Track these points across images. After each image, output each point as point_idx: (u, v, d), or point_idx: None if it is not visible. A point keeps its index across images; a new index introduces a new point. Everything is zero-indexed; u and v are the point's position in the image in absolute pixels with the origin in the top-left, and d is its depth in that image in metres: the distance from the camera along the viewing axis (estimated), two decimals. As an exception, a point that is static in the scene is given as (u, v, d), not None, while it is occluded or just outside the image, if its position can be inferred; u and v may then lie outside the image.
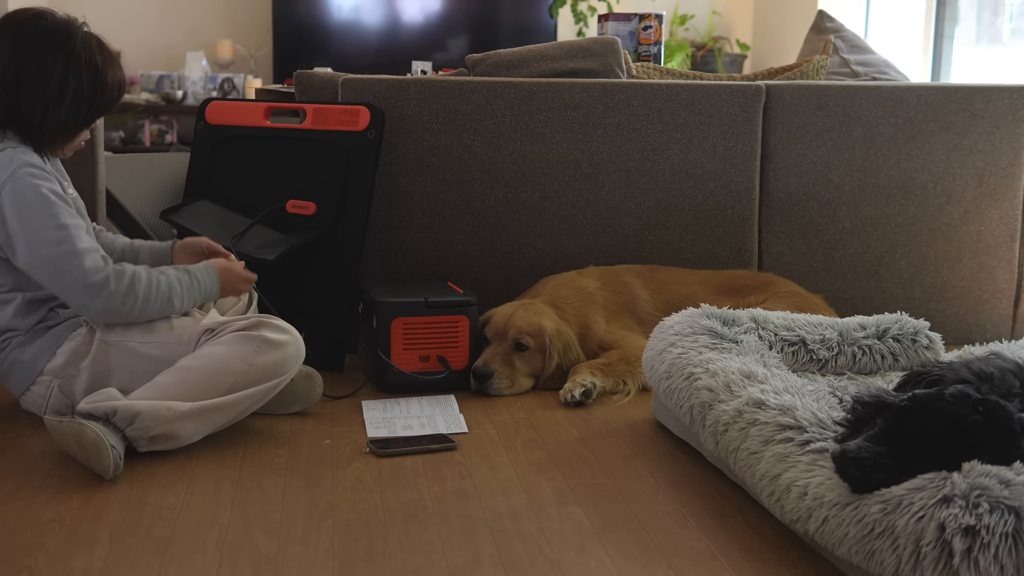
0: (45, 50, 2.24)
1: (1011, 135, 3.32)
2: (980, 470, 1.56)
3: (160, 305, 2.29)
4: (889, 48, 5.48)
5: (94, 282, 2.20)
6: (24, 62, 2.23)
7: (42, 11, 2.31)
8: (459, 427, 2.44)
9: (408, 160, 3.07)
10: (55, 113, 2.26)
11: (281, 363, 2.29)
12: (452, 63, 6.21)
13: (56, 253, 2.19)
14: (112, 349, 2.29)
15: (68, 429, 2.10)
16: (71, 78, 2.25)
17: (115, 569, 1.71)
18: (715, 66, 6.82)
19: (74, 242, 2.20)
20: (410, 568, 1.73)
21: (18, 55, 2.23)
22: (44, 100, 2.24)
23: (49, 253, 2.20)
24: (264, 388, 2.27)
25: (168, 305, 2.30)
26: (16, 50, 2.24)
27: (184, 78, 6.62)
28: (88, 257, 2.21)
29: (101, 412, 2.14)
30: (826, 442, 1.82)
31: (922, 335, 2.54)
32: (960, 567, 1.47)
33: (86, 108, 2.30)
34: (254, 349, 2.25)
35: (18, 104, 2.24)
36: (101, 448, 2.06)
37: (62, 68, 2.24)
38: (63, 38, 2.26)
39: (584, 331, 2.84)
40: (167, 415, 2.16)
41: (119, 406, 2.14)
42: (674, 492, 2.08)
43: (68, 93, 2.25)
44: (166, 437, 2.18)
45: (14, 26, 2.27)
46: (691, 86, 3.19)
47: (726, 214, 3.24)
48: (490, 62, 3.20)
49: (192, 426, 2.20)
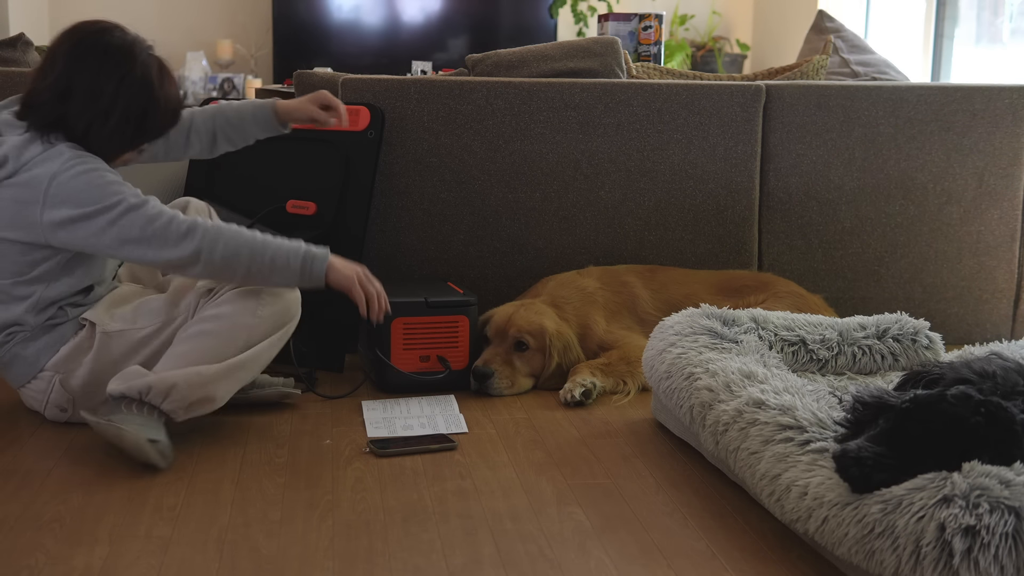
0: (101, 67, 2.21)
1: (1011, 135, 3.32)
2: (980, 470, 1.56)
3: (254, 277, 2.24)
4: (889, 48, 5.48)
5: (176, 230, 2.16)
6: (78, 75, 2.20)
7: (110, 27, 2.28)
8: (459, 427, 2.44)
9: (408, 160, 3.07)
10: (98, 131, 2.23)
11: (286, 308, 2.32)
12: (452, 63, 6.21)
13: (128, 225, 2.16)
14: (114, 340, 2.29)
15: (108, 431, 2.13)
16: (120, 100, 2.21)
17: (115, 569, 1.71)
18: (715, 66, 6.82)
19: (129, 199, 2.17)
20: (410, 568, 1.73)
21: (74, 67, 2.21)
22: (89, 116, 2.21)
23: (120, 231, 2.16)
24: (278, 336, 2.31)
25: (260, 273, 2.23)
26: (74, 62, 2.21)
27: (184, 78, 6.62)
28: (151, 205, 2.18)
29: (135, 392, 2.16)
30: (826, 442, 1.82)
31: (922, 335, 2.54)
32: (960, 567, 1.47)
33: (131, 132, 2.27)
34: (258, 301, 2.26)
35: (65, 115, 2.22)
36: (142, 447, 2.10)
37: (113, 88, 2.21)
38: (122, 58, 2.23)
39: (584, 331, 2.84)
40: (200, 380, 2.19)
41: (153, 381, 2.17)
42: (674, 492, 2.08)
43: (115, 114, 2.22)
44: (204, 401, 2.22)
45: (78, 37, 2.25)
46: (691, 86, 3.19)
47: (726, 214, 3.24)
48: (490, 62, 3.20)
49: (225, 385, 2.24)
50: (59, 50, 2.24)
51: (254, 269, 2.22)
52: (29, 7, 5.91)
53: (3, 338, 2.31)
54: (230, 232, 2.21)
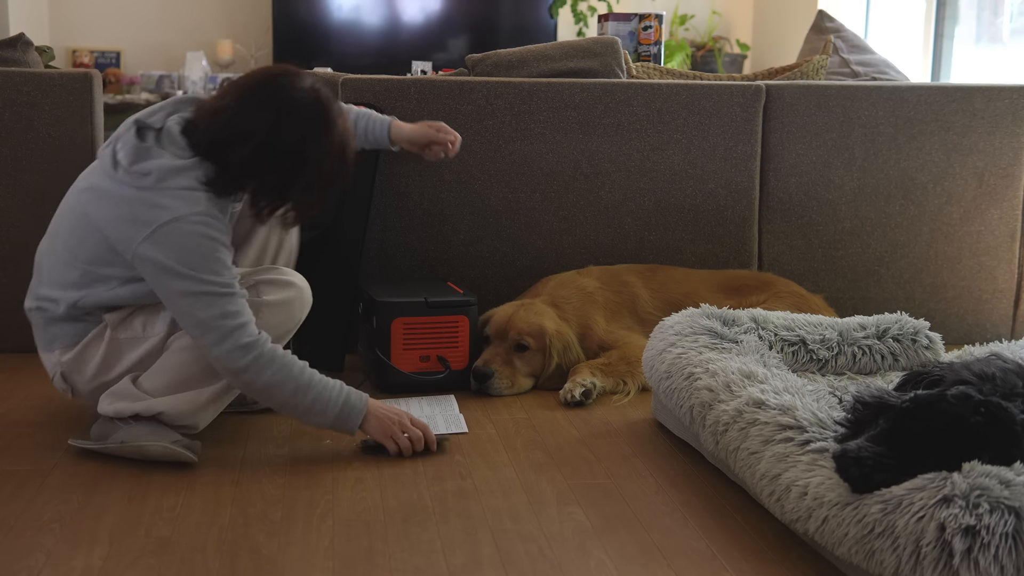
0: (286, 123, 2.12)
1: (1011, 135, 3.32)
2: (980, 470, 1.56)
3: (288, 410, 2.20)
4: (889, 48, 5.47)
5: (239, 363, 2.11)
6: (253, 122, 2.11)
7: (306, 84, 2.17)
8: (459, 427, 2.44)
9: (408, 160, 3.07)
10: (249, 177, 2.15)
11: (287, 319, 2.30)
12: (452, 63, 6.21)
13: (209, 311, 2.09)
14: (124, 344, 2.26)
15: (128, 452, 2.16)
16: (285, 158, 2.13)
17: (115, 569, 1.71)
18: (715, 66, 6.81)
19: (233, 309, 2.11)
20: (410, 568, 1.73)
21: (253, 114, 2.12)
22: (244, 156, 2.12)
23: (192, 304, 2.09)
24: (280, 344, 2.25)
25: (295, 410, 2.19)
26: (254, 108, 2.12)
27: (184, 78, 6.62)
28: (234, 300, 2.11)
29: (125, 416, 2.18)
30: (826, 442, 1.82)
31: (922, 335, 2.54)
32: (960, 567, 1.47)
33: (280, 189, 2.18)
34: (257, 315, 2.18)
35: (235, 159, 2.13)
36: (170, 452, 2.15)
37: (283, 146, 2.12)
38: (315, 120, 2.14)
39: (584, 331, 2.84)
40: (188, 408, 2.20)
41: (141, 408, 2.17)
42: (674, 492, 2.08)
43: (274, 170, 2.14)
44: (187, 428, 2.23)
45: (272, 83, 2.15)
46: (691, 86, 3.19)
47: (726, 214, 3.24)
48: (490, 62, 3.20)
49: (209, 414, 2.25)
50: (256, 96, 2.14)
51: (291, 404, 2.16)
52: (29, 7, 5.91)
53: (31, 303, 2.29)
54: (283, 362, 2.13)
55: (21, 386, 2.70)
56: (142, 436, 2.15)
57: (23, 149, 3.00)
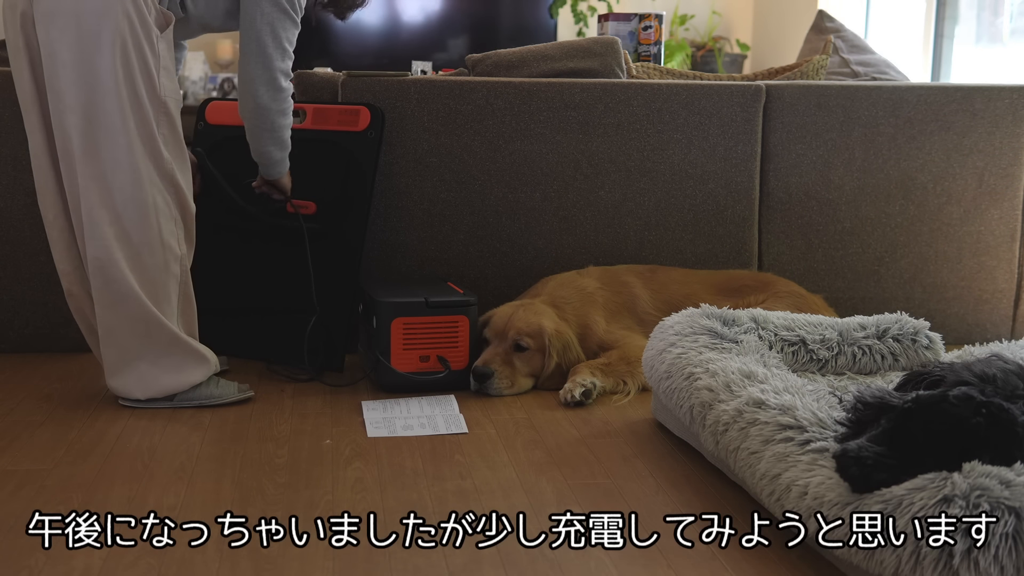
0: None
1: (1011, 135, 3.32)
2: (980, 470, 1.56)
3: (261, 138, 2.69)
4: (889, 48, 5.48)
5: (278, 81, 2.58)
6: None
7: None
8: (459, 427, 2.44)
9: (408, 160, 3.07)
10: None
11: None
12: (452, 63, 6.21)
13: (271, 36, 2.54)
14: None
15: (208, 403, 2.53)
16: None
17: (115, 569, 1.71)
18: (715, 66, 6.81)
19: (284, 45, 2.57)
20: (410, 568, 1.73)
21: None
22: None
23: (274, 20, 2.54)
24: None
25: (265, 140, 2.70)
26: None
27: (184, 78, 6.62)
28: (286, 62, 2.57)
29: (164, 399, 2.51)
30: (826, 442, 1.82)
31: (922, 335, 2.54)
32: (960, 567, 1.47)
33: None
34: None
35: None
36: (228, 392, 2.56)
37: None
38: None
39: (584, 331, 2.84)
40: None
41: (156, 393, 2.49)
42: (674, 492, 2.08)
43: None
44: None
45: None
46: (691, 86, 3.19)
47: (726, 214, 3.24)
48: (490, 62, 3.20)
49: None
50: None
51: (267, 137, 2.68)
52: (29, 7, 5.91)
53: None
54: (286, 120, 2.67)
55: (21, 386, 2.71)
56: (210, 394, 2.52)
57: (23, 149, 3.00)
